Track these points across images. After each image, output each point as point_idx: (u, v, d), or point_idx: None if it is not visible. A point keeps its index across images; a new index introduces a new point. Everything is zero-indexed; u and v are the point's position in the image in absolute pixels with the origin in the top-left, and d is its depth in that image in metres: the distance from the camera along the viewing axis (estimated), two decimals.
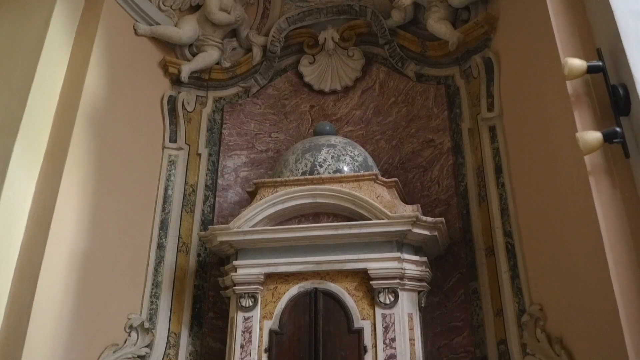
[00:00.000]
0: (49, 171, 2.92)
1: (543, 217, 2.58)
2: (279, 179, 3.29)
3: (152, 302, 3.32)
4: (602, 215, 2.11)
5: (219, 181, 3.96)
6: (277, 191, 3.18)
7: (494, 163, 3.15)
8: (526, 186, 2.81)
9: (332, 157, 3.35)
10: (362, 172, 3.23)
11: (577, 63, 1.99)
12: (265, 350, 2.92)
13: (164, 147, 3.75)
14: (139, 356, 3.10)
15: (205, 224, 3.68)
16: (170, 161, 3.75)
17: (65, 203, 2.84)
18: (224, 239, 3.10)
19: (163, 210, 3.59)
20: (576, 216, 2.26)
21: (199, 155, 3.95)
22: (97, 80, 3.22)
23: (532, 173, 2.73)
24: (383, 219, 2.90)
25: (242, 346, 2.95)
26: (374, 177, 3.17)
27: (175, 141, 3.81)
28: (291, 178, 3.27)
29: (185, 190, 3.77)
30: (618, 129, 1.94)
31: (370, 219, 2.93)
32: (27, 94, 2.92)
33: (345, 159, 3.35)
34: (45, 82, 3.04)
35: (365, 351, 2.77)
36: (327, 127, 3.71)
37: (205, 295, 3.59)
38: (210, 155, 4.01)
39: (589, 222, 2.13)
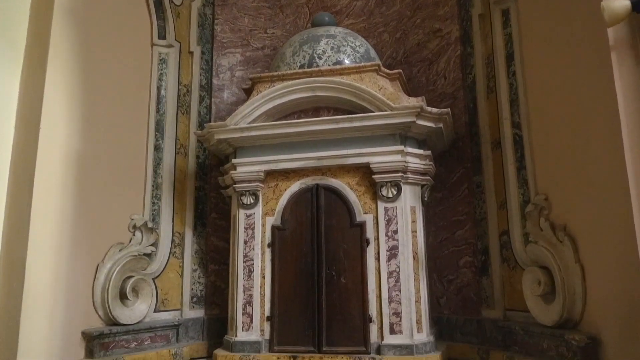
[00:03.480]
0: (32, 68, 2.76)
1: (556, 104, 2.45)
2: (275, 73, 3.11)
3: (153, 203, 3.30)
4: (622, 95, 1.98)
5: (214, 81, 3.78)
6: (274, 86, 3.02)
7: (506, 50, 2.93)
8: (539, 72, 2.63)
9: (332, 48, 3.14)
10: (363, 63, 3.03)
11: None
12: (269, 245, 2.95)
13: (152, 45, 3.51)
14: (145, 254, 3.15)
15: (202, 125, 3.57)
16: (160, 59, 3.53)
17: (52, 102, 2.70)
18: (221, 136, 3.00)
19: (157, 111, 3.45)
20: (593, 98, 2.13)
21: (191, 53, 3.73)
22: None
23: (547, 57, 2.55)
24: (386, 111, 2.76)
25: (245, 242, 2.98)
26: (377, 68, 2.98)
27: (164, 38, 3.56)
28: (289, 72, 3.09)
29: (179, 90, 3.60)
30: None
31: (373, 112, 2.80)
32: None
33: (345, 50, 3.14)
34: None
35: (368, 243, 2.79)
36: (327, 18, 3.46)
37: (207, 197, 3.58)
38: (203, 53, 3.78)
39: (607, 103, 2.01)
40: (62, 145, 2.75)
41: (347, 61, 3.11)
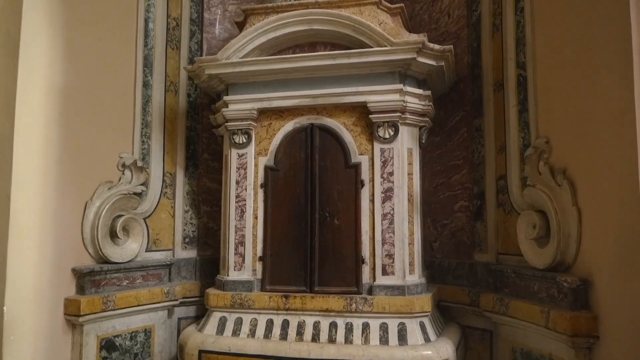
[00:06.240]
0: None
1: (565, 42, 2.32)
2: (270, 5, 2.93)
3: (143, 142, 3.20)
4: (637, 34, 1.86)
5: (205, 15, 3.58)
6: (268, 18, 2.85)
7: None
8: (549, 8, 2.48)
9: None
10: None
11: None
12: (261, 186, 2.89)
13: None
14: (135, 193, 3.08)
15: (193, 62, 3.40)
16: None
17: (31, 30, 2.53)
18: (213, 72, 2.86)
19: (145, 45, 3.27)
20: (605, 36, 2.01)
21: None
22: None
23: None
24: (385, 47, 2.62)
25: (237, 182, 2.91)
26: (377, 1, 2.81)
27: None
28: (284, 3, 2.91)
29: (168, 23, 3.40)
30: None
31: (372, 47, 2.66)
32: None
33: None
34: None
35: (362, 185, 2.73)
36: None
37: (199, 137, 3.48)
38: None
39: (620, 42, 1.90)
40: (43, 77, 2.61)
41: None
